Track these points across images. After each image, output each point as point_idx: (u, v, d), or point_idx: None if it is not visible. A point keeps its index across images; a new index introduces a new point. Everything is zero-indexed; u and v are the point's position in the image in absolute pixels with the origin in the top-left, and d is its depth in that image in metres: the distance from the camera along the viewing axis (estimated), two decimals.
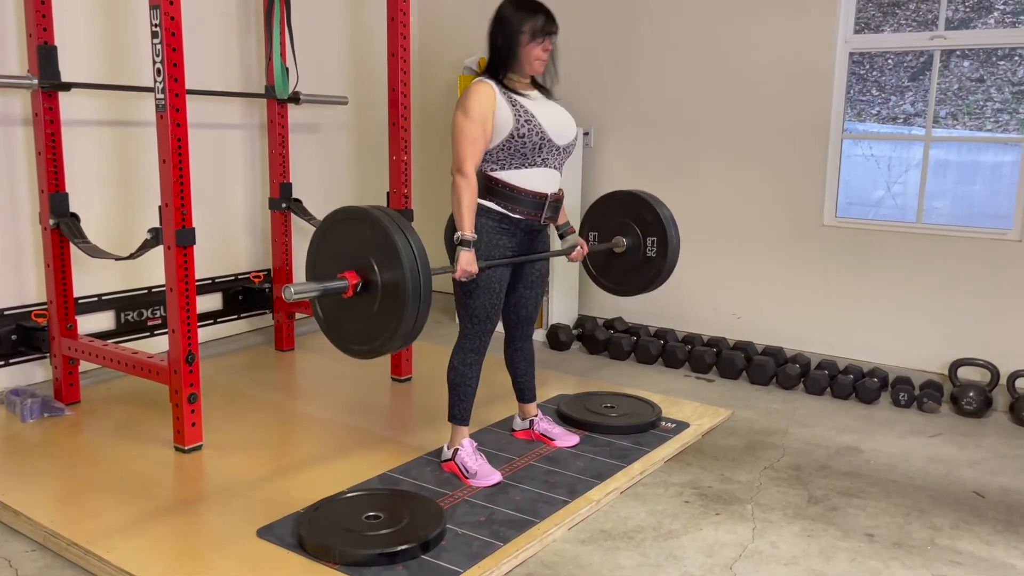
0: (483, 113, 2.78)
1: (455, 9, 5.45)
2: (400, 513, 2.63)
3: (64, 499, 2.83)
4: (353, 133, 5.21)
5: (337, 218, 2.49)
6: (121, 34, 3.95)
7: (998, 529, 2.76)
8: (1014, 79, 4.17)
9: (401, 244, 2.33)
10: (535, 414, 3.37)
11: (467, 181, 2.77)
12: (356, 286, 2.40)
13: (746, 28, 4.44)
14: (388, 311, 2.36)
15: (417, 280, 2.32)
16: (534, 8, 2.85)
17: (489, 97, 2.79)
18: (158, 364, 3.26)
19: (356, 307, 2.43)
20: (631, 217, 3.39)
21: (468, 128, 2.77)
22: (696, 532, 2.70)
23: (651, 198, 3.39)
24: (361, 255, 2.40)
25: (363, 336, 2.45)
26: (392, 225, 2.36)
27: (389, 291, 2.36)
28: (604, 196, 3.50)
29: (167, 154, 3.00)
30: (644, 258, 3.38)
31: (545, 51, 2.87)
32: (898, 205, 4.46)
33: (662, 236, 3.32)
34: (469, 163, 2.78)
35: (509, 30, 2.83)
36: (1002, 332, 3.96)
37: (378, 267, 2.37)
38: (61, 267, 3.56)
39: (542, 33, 2.84)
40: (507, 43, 2.84)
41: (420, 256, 2.35)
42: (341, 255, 2.45)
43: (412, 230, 2.39)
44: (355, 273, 2.40)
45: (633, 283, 3.46)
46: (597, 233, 3.49)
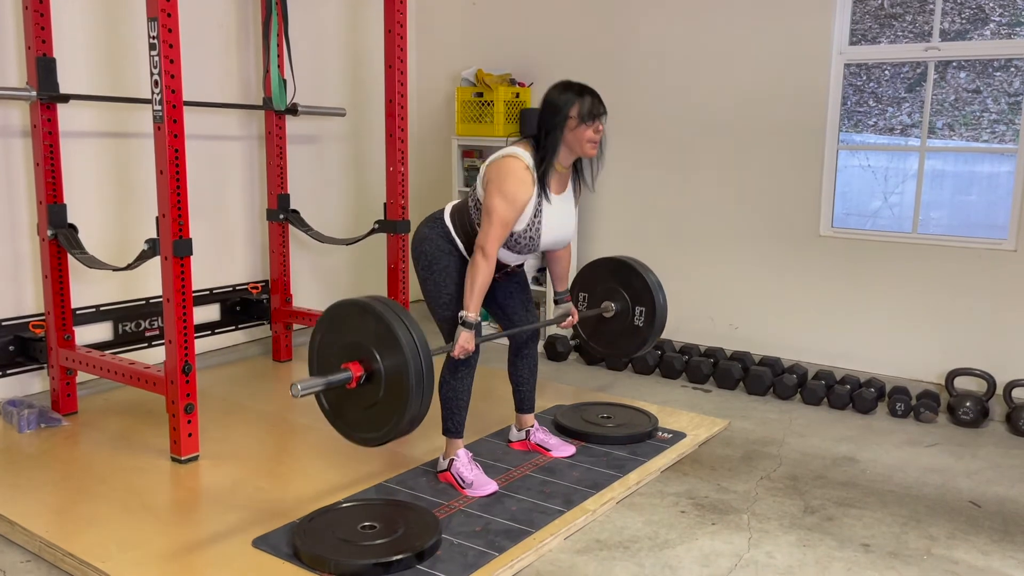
0: (522, 205, 2.81)
1: (452, 21, 5.47)
2: (396, 523, 2.63)
3: (60, 510, 2.83)
4: (351, 144, 5.22)
5: (336, 311, 2.53)
6: (119, 46, 3.98)
7: (994, 539, 2.75)
8: (1010, 90, 4.18)
9: (402, 335, 2.36)
10: (532, 424, 3.37)
11: (487, 263, 2.79)
12: (360, 378, 2.43)
13: (741, 38, 4.46)
14: (393, 399, 2.39)
15: (420, 369, 2.35)
16: (580, 90, 2.85)
17: (529, 192, 2.81)
18: (155, 375, 3.26)
19: (361, 397, 2.46)
20: (620, 283, 3.47)
21: (504, 214, 2.78)
22: (692, 542, 2.70)
23: (639, 264, 3.45)
24: (363, 345, 2.43)
25: (370, 425, 2.47)
26: (392, 315, 2.39)
27: (393, 380, 2.39)
28: (594, 261, 3.57)
29: (164, 165, 3.01)
30: (632, 326, 3.46)
31: (597, 133, 2.86)
32: (895, 216, 4.47)
33: (650, 306, 3.39)
34: (494, 246, 2.80)
35: (558, 114, 2.82)
36: (999, 342, 3.96)
37: (380, 357, 2.40)
38: (59, 278, 3.57)
39: (591, 116, 2.83)
40: (556, 128, 2.83)
41: (421, 345, 2.38)
42: (343, 346, 2.48)
43: (411, 318, 2.42)
44: (358, 364, 2.43)
45: (621, 349, 3.53)
46: (587, 295, 3.57)
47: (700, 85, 4.61)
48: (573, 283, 3.58)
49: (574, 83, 2.87)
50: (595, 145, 2.88)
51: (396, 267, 4.09)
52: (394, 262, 4.09)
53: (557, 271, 3.29)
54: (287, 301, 4.61)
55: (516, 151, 2.84)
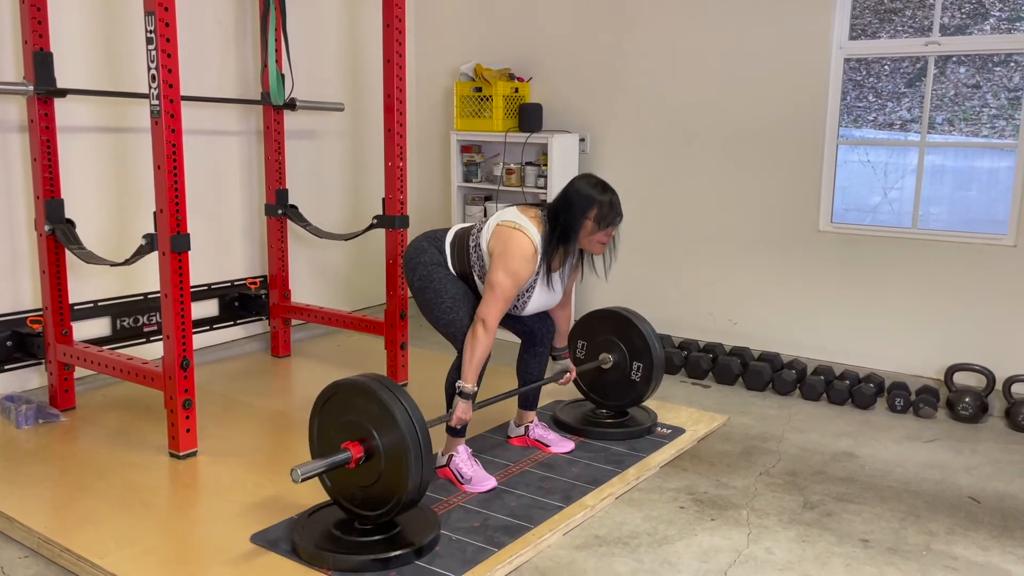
0: (524, 282, 2.88)
1: (451, 16, 5.46)
2: (394, 519, 2.62)
3: (58, 505, 2.82)
4: (349, 139, 5.21)
5: (331, 392, 2.55)
6: (117, 40, 3.96)
7: (993, 534, 2.75)
8: (1010, 85, 4.17)
9: (399, 414, 2.39)
10: (532, 420, 3.36)
11: (487, 335, 2.83)
12: (359, 459, 2.46)
13: (741, 34, 4.45)
14: (393, 476, 2.42)
15: (417, 443, 2.39)
16: (602, 190, 2.90)
17: (532, 270, 2.88)
18: (153, 370, 3.25)
19: (362, 474, 2.49)
20: (618, 336, 3.52)
21: (509, 288, 2.83)
22: (691, 538, 2.69)
23: (636, 317, 3.51)
24: (360, 424, 2.46)
25: (374, 501, 2.48)
26: (388, 395, 2.42)
27: (392, 456, 2.41)
28: (593, 312, 3.64)
29: (162, 160, 3.00)
30: (629, 380, 3.51)
31: (607, 236, 2.92)
32: (895, 211, 4.47)
33: (647, 361, 3.45)
34: (495, 319, 2.84)
35: (576, 210, 2.87)
36: (998, 337, 3.96)
37: (378, 434, 2.43)
38: (56, 273, 3.56)
39: (608, 222, 2.88)
40: (571, 221, 2.88)
41: (418, 422, 2.41)
42: (342, 425, 2.51)
43: (407, 395, 2.46)
44: (358, 445, 2.46)
45: (619, 400, 3.58)
46: (586, 343, 3.62)
47: (700, 79, 4.60)
48: (572, 330, 3.64)
49: (600, 182, 2.93)
50: (604, 246, 2.96)
51: (395, 262, 4.07)
52: (392, 257, 4.08)
53: (556, 329, 3.33)
54: (286, 296, 4.60)
55: (528, 226, 2.88)
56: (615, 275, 3.60)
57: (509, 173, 5.00)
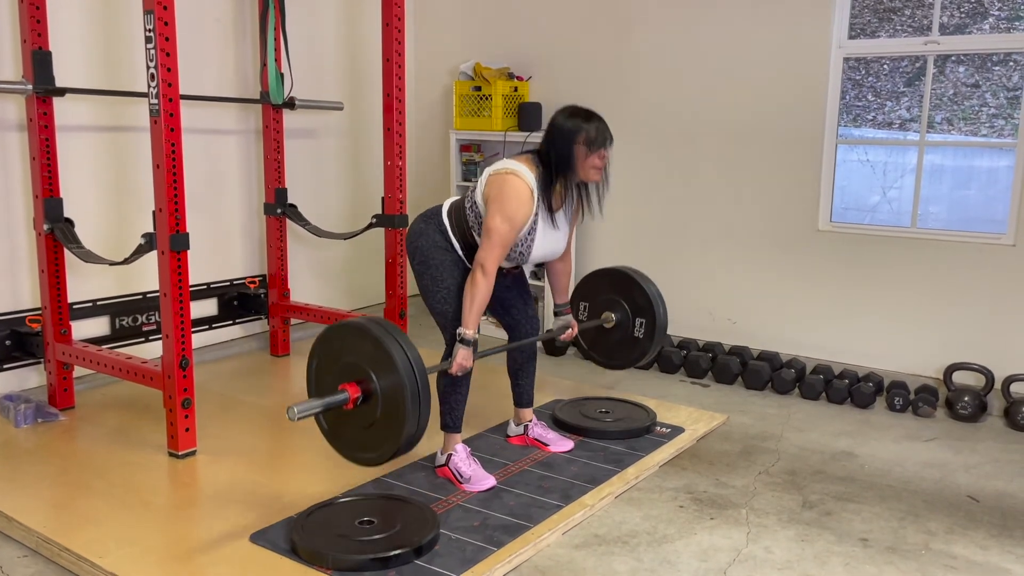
0: (521, 225, 2.83)
1: (451, 15, 5.45)
2: (393, 518, 2.63)
3: (57, 504, 2.82)
4: (348, 139, 5.21)
5: (334, 331, 2.54)
6: (116, 39, 3.96)
7: (993, 533, 2.75)
8: (1009, 84, 4.17)
9: (398, 356, 2.37)
10: (530, 419, 3.36)
11: (487, 281, 2.79)
12: (357, 399, 2.44)
13: (741, 33, 4.45)
14: (390, 419, 2.40)
15: (416, 389, 2.37)
16: (587, 116, 2.86)
17: (528, 211, 2.83)
18: (152, 369, 3.25)
19: (359, 417, 2.47)
20: (621, 295, 3.48)
21: (505, 232, 2.80)
22: (690, 537, 2.70)
23: (639, 276, 3.46)
24: (359, 366, 2.44)
25: (368, 444, 2.47)
26: (387, 336, 2.40)
27: (389, 400, 2.40)
28: (595, 272, 3.59)
29: (161, 159, 3.00)
30: (632, 337, 3.47)
31: (601, 159, 2.88)
32: (894, 210, 4.47)
33: (650, 318, 3.41)
34: (494, 264, 2.81)
35: (564, 140, 2.83)
36: (997, 336, 3.96)
37: (377, 378, 2.41)
38: (55, 272, 3.56)
39: (598, 144, 2.84)
40: (562, 152, 2.84)
41: (417, 365, 2.39)
42: (340, 367, 2.49)
43: (406, 338, 2.44)
44: (355, 385, 2.44)
45: (621, 359, 3.55)
46: (587, 304, 3.57)
47: (699, 79, 4.60)
48: (574, 292, 3.60)
49: (582, 109, 2.88)
50: (599, 171, 2.91)
51: (394, 261, 4.07)
52: (392, 256, 4.08)
53: (557, 284, 3.31)
54: (285, 296, 4.60)
55: (519, 169, 2.84)
56: None
57: None
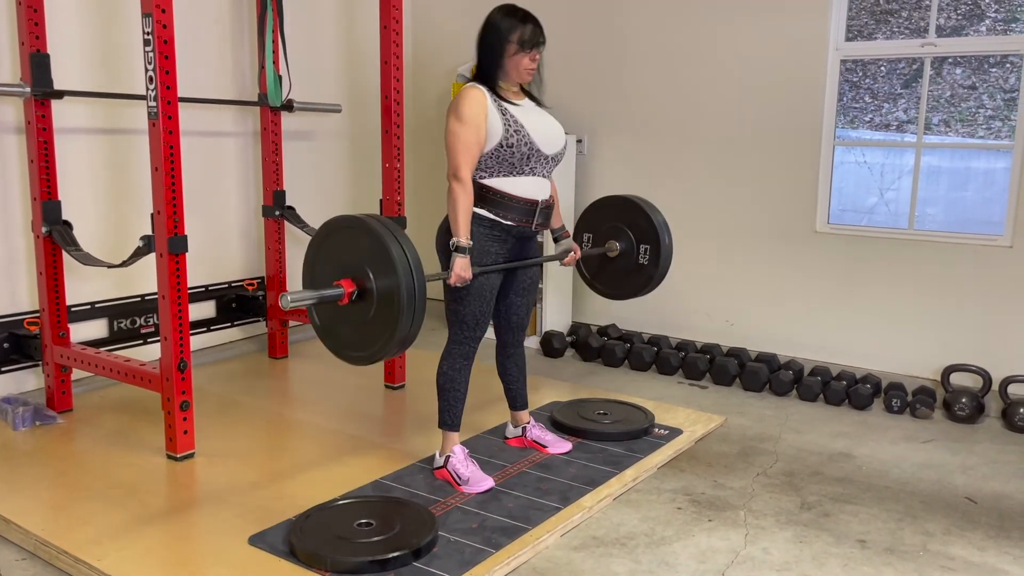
0: (477, 118, 2.78)
1: (448, 17, 5.46)
2: (392, 520, 2.63)
3: (55, 507, 2.82)
4: (346, 141, 5.21)
5: (333, 227, 2.52)
6: (114, 42, 3.96)
7: (990, 535, 2.76)
8: (1006, 86, 4.18)
9: (395, 251, 2.36)
10: (527, 421, 3.36)
11: (463, 187, 2.78)
12: (352, 294, 2.43)
13: (738, 35, 4.46)
14: (384, 317, 2.39)
15: (412, 287, 2.35)
16: (523, 17, 2.84)
17: (481, 103, 2.80)
18: (150, 372, 3.25)
19: (352, 314, 2.46)
20: (625, 222, 3.39)
21: (463, 133, 2.77)
22: (689, 538, 2.70)
23: (645, 204, 3.39)
24: (356, 263, 2.43)
25: (360, 342, 2.47)
26: (386, 233, 2.39)
27: (384, 298, 2.38)
28: (599, 200, 3.50)
29: (159, 162, 3.00)
30: (636, 264, 3.39)
31: (533, 61, 2.87)
32: (891, 212, 4.48)
33: (655, 243, 3.33)
34: (465, 169, 2.78)
35: (497, 38, 2.83)
36: (994, 338, 3.97)
37: (373, 274, 2.40)
38: (53, 275, 3.56)
39: (530, 44, 2.83)
40: (495, 51, 2.84)
41: (414, 263, 2.38)
42: (337, 263, 2.48)
43: (406, 237, 2.42)
44: (351, 281, 2.43)
45: (626, 288, 3.47)
46: (591, 235, 3.49)
47: (697, 81, 4.61)
48: (577, 223, 3.53)
49: (519, 9, 2.87)
50: (531, 73, 2.90)
51: None
52: None
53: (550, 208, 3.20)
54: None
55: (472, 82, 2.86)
56: None
57: None
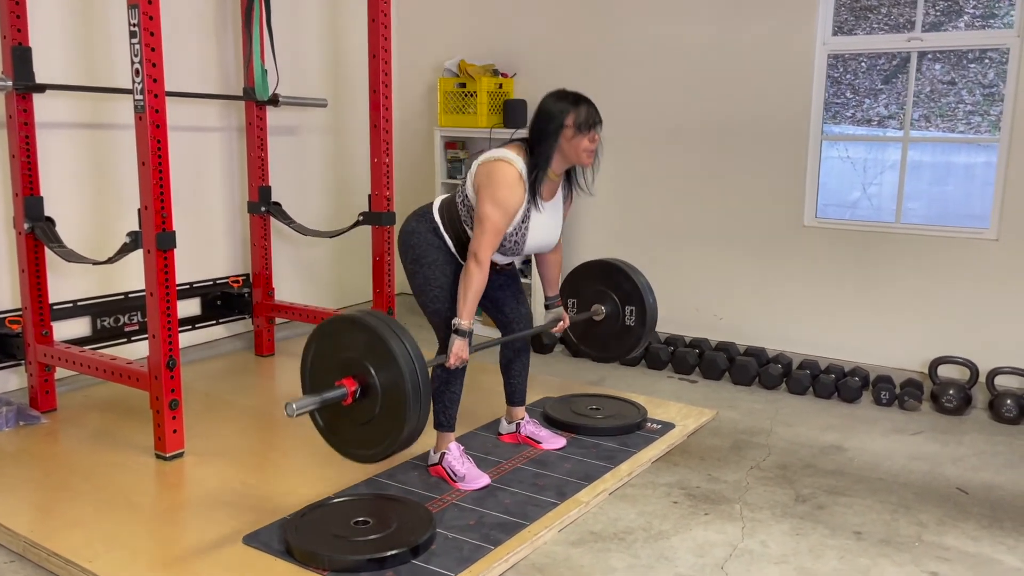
0: (512, 210, 2.79)
1: (435, 11, 5.42)
2: (389, 518, 2.60)
3: (43, 509, 2.77)
4: (333, 136, 5.16)
5: (328, 327, 2.49)
6: (97, 35, 3.89)
7: (983, 525, 2.78)
8: (984, 81, 4.23)
9: (396, 347, 2.33)
10: (522, 417, 3.35)
11: (480, 270, 2.76)
12: (355, 393, 2.39)
13: (726, 30, 4.46)
14: (390, 414, 2.36)
15: (416, 380, 2.32)
16: (575, 99, 2.81)
17: (520, 198, 2.79)
18: (138, 370, 3.20)
19: (357, 413, 2.42)
20: (609, 286, 3.45)
21: (498, 222, 2.76)
22: (686, 532, 2.70)
23: (627, 266, 3.44)
24: (356, 361, 2.40)
25: (368, 440, 2.43)
26: (384, 328, 2.36)
27: (389, 394, 2.35)
28: (581, 265, 3.55)
29: (146, 156, 2.95)
30: (623, 326, 3.44)
31: (592, 142, 2.83)
32: (873, 206, 4.51)
33: (640, 304, 3.38)
34: (487, 252, 2.77)
35: (553, 124, 2.78)
36: (981, 330, 4.01)
37: (375, 371, 2.36)
38: (36, 272, 3.49)
39: (587, 126, 2.80)
40: (551, 136, 2.79)
41: (416, 356, 2.35)
42: (335, 362, 2.44)
43: (403, 329, 2.40)
44: (352, 380, 2.39)
45: (614, 350, 3.51)
46: (575, 300, 3.55)
47: (685, 75, 4.61)
48: (561, 289, 3.56)
49: (570, 92, 2.84)
50: (591, 154, 2.87)
51: (381, 259, 4.04)
52: (379, 254, 4.04)
53: (548, 275, 3.27)
54: (269, 295, 4.55)
55: (508, 155, 2.80)
56: None
57: None
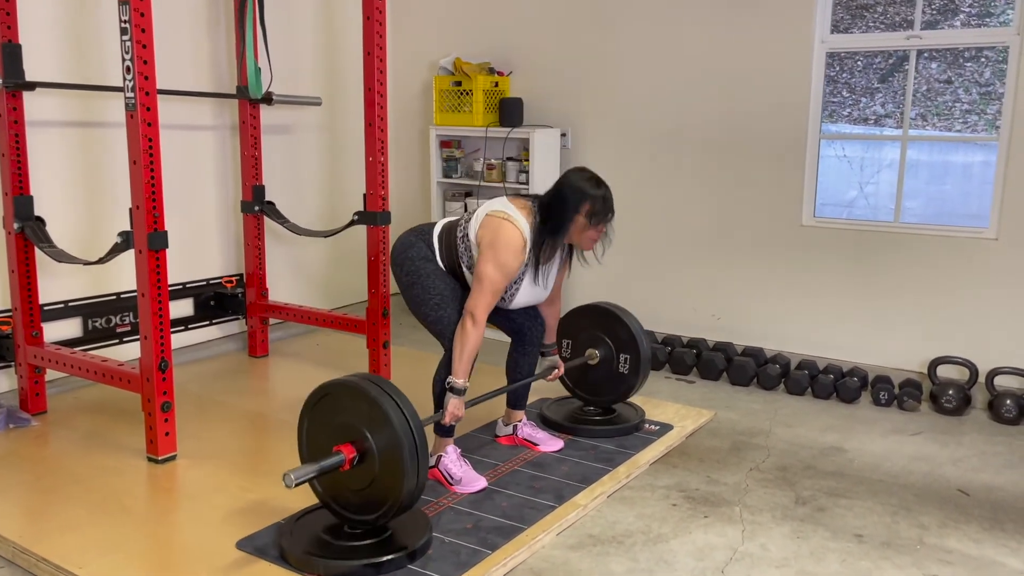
0: (513, 275, 2.83)
1: (430, 8, 5.38)
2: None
3: (33, 513, 2.72)
4: (327, 134, 5.12)
5: (321, 394, 2.48)
6: (88, 32, 3.84)
7: (985, 527, 2.76)
8: (981, 80, 4.21)
9: (392, 411, 2.33)
10: (520, 419, 3.32)
11: (477, 329, 2.77)
12: (352, 460, 2.38)
13: (724, 29, 4.43)
14: (389, 476, 2.35)
15: (413, 442, 2.32)
16: (596, 184, 2.84)
17: (520, 263, 2.83)
18: (129, 372, 3.15)
19: (355, 477, 2.41)
20: (603, 330, 3.48)
21: (497, 282, 2.78)
22: (686, 535, 2.67)
23: (622, 312, 3.47)
24: (352, 425, 2.39)
25: (368, 505, 2.41)
26: (380, 393, 2.35)
27: (386, 457, 2.34)
28: (577, 308, 3.58)
29: (138, 155, 2.90)
30: (617, 373, 3.46)
31: (598, 233, 2.88)
32: (870, 205, 4.49)
33: (634, 352, 3.41)
34: (484, 312, 2.79)
35: (569, 205, 2.81)
36: (980, 330, 3.99)
37: (371, 435, 2.36)
38: (26, 272, 3.44)
39: (600, 217, 2.83)
40: (564, 216, 2.82)
41: (412, 418, 2.35)
42: (331, 428, 2.44)
43: (398, 391, 2.39)
44: (350, 446, 2.38)
45: (607, 395, 3.54)
46: (570, 342, 3.58)
47: (682, 73, 4.58)
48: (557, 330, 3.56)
49: (594, 176, 2.87)
50: (593, 243, 2.93)
51: (376, 259, 4.00)
52: (374, 254, 4.00)
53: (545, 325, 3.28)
54: (263, 295, 4.50)
55: (517, 218, 2.82)
56: (598, 271, 3.58)
57: (490, 168, 4.94)
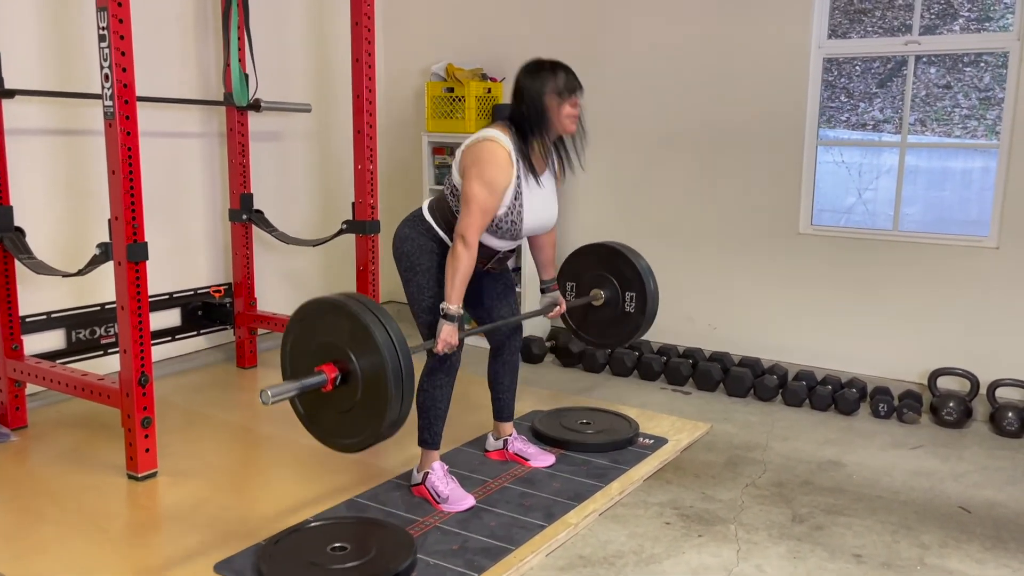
0: (501, 188, 2.69)
1: (421, 14, 5.32)
2: (368, 543, 2.49)
3: (8, 533, 2.65)
4: (316, 142, 5.05)
5: (307, 310, 2.37)
6: (69, 39, 3.77)
7: (987, 546, 2.68)
8: (980, 85, 4.15)
9: (378, 332, 2.22)
10: (510, 433, 3.24)
11: (468, 251, 2.66)
12: (335, 379, 2.28)
13: (719, 34, 4.36)
14: (372, 400, 2.24)
15: (398, 367, 2.22)
16: (552, 67, 2.75)
17: (508, 173, 2.70)
18: (109, 387, 3.07)
19: (337, 400, 2.31)
20: (608, 270, 3.33)
21: (484, 201, 2.66)
22: (679, 556, 2.59)
23: (627, 250, 3.32)
24: (336, 346, 2.29)
25: (348, 430, 2.31)
26: (365, 312, 2.25)
27: (370, 380, 2.24)
28: (580, 248, 3.43)
29: (116, 165, 2.83)
30: (623, 312, 3.32)
31: (574, 107, 2.77)
32: (869, 212, 4.42)
33: (640, 290, 3.26)
34: (475, 233, 2.67)
35: (532, 95, 2.72)
36: (981, 341, 3.91)
37: (356, 357, 2.25)
38: (5, 284, 3.37)
39: (567, 91, 2.74)
40: (533, 109, 2.72)
41: (399, 342, 2.24)
42: (315, 348, 2.33)
43: (386, 314, 2.28)
44: (332, 366, 2.28)
45: (613, 336, 3.39)
46: (574, 284, 3.43)
47: (677, 80, 4.51)
48: (559, 273, 3.44)
49: (546, 60, 2.77)
50: (575, 120, 2.80)
51: (365, 268, 3.93)
52: (363, 263, 3.93)
53: (542, 259, 3.16)
54: (251, 305, 4.43)
55: (494, 134, 2.72)
56: None
57: None
